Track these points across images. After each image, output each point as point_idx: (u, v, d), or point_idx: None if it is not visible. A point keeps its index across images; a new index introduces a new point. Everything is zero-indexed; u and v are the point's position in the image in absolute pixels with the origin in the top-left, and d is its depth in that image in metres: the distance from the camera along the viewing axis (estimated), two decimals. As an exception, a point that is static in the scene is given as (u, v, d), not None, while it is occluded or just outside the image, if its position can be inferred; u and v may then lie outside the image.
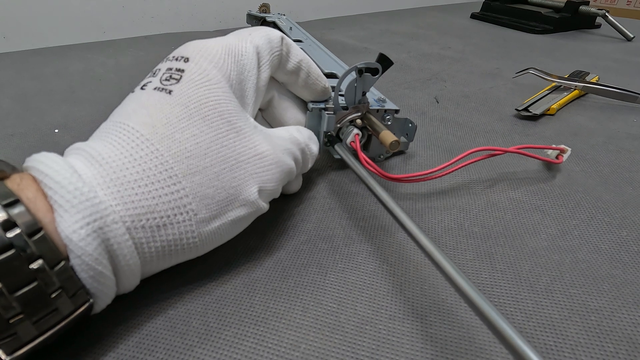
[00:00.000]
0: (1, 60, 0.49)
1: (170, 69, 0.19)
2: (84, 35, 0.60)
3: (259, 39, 0.21)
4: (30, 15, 0.56)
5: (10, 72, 0.46)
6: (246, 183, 0.18)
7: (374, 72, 0.25)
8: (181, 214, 0.16)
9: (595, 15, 0.74)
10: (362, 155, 0.25)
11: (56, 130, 0.34)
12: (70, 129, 0.34)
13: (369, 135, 0.28)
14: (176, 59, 0.19)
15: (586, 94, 0.44)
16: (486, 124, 0.37)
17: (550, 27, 0.73)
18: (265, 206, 0.20)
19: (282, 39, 0.22)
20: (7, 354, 0.13)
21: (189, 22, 0.71)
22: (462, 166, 0.25)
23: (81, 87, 0.42)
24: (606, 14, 0.72)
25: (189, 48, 0.19)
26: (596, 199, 0.27)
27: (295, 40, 0.39)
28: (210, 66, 0.19)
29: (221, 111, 0.18)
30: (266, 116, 0.26)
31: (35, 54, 0.53)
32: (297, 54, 0.23)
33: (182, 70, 0.18)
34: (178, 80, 0.18)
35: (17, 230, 0.12)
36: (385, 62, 0.25)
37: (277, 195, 0.21)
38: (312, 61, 0.24)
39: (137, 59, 0.53)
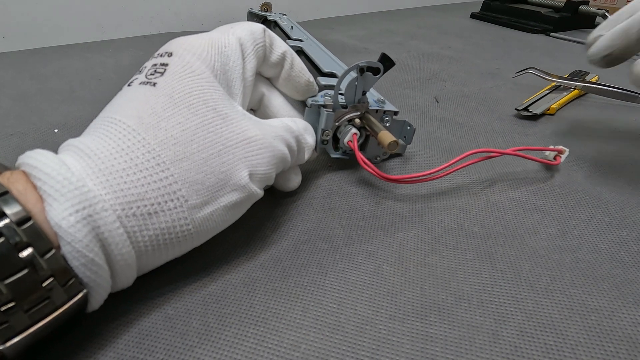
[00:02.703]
0: (1, 60, 0.49)
1: (155, 65, 0.19)
2: (84, 35, 0.60)
3: (241, 31, 0.22)
4: (30, 15, 0.56)
5: (10, 72, 0.46)
6: (235, 167, 0.18)
7: (375, 71, 0.25)
8: (172, 200, 0.16)
9: (595, 15, 0.74)
10: (359, 155, 0.25)
11: (56, 130, 0.34)
12: (70, 128, 0.34)
13: (366, 136, 0.28)
14: (160, 55, 0.20)
15: (586, 93, 0.44)
16: (486, 123, 0.37)
17: (550, 27, 0.73)
18: (258, 191, 0.20)
19: (264, 30, 0.22)
20: (0, 342, 0.13)
21: (189, 22, 0.71)
22: (461, 167, 0.25)
23: (81, 87, 0.42)
24: (606, 13, 0.72)
25: (173, 44, 0.20)
26: (596, 199, 0.27)
27: (295, 40, 0.39)
28: (194, 58, 0.19)
29: (205, 99, 0.18)
30: (260, 116, 0.26)
31: (35, 53, 0.53)
32: (280, 45, 0.23)
33: (166, 64, 0.19)
34: (162, 74, 0.19)
35: (6, 220, 0.13)
36: (387, 62, 0.25)
37: (271, 182, 0.21)
38: (296, 55, 0.24)
39: (137, 58, 0.52)
